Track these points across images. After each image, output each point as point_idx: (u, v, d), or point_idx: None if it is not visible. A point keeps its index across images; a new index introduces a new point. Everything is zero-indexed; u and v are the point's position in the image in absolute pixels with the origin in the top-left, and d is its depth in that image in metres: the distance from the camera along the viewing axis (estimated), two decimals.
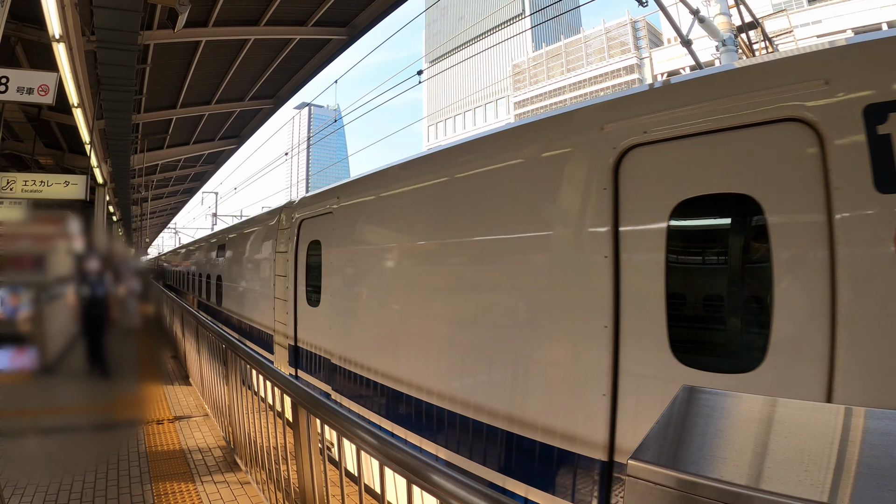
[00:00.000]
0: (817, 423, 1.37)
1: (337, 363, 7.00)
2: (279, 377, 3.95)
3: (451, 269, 5.17)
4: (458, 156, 5.44)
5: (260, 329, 10.59)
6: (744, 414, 1.48)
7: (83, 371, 9.42)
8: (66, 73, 10.08)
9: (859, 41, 2.95)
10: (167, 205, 51.52)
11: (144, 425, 7.19)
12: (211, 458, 6.08)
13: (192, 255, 21.38)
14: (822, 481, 1.02)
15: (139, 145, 22.01)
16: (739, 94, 3.07)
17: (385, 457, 2.37)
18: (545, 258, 4.12)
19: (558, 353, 3.98)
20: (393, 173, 6.55)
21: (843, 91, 2.72)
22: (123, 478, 5.47)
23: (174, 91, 18.81)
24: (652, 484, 1.10)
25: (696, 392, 1.58)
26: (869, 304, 2.57)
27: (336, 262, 7.31)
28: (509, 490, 4.14)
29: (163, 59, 15.44)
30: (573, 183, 3.89)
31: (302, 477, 3.50)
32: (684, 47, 11.32)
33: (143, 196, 31.51)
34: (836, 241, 2.64)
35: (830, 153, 2.69)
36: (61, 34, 8.76)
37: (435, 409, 4.96)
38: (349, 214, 7.13)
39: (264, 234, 10.75)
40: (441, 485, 1.95)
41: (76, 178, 14.53)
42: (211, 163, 33.84)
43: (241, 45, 16.08)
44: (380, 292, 6.42)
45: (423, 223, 5.64)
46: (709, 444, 1.23)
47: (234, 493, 5.17)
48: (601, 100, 4.14)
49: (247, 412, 5.08)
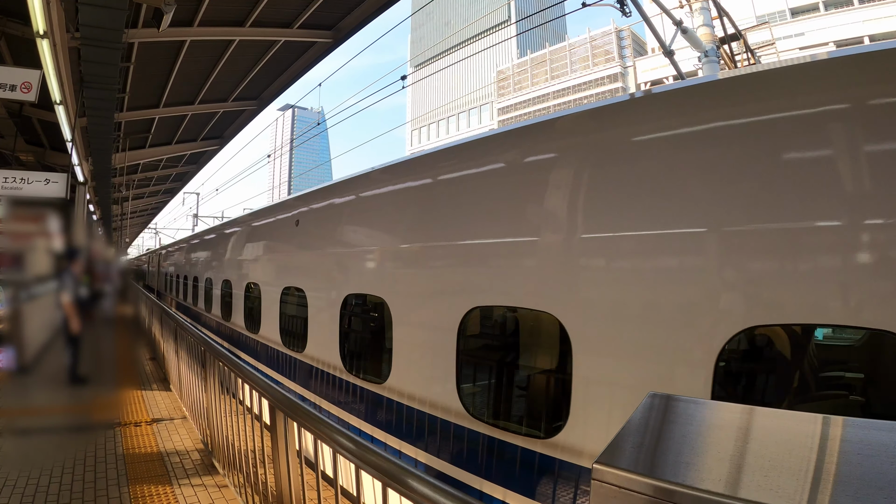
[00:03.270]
0: (793, 432, 1.39)
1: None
2: (257, 380, 3.94)
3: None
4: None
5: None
6: (715, 422, 1.49)
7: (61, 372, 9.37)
8: (50, 69, 10.02)
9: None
10: (148, 205, 51.04)
11: (121, 427, 7.13)
12: (189, 460, 6.04)
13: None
14: (801, 490, 1.05)
15: (121, 144, 21.80)
16: None
17: (361, 461, 2.39)
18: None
19: None
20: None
21: None
22: (100, 480, 5.43)
23: (157, 90, 18.65)
24: (617, 488, 1.13)
25: (664, 399, 1.61)
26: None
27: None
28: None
29: (147, 57, 15.33)
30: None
31: (279, 480, 3.50)
32: (667, 57, 11.45)
33: (124, 195, 31.22)
34: None
35: None
36: (45, 30, 8.70)
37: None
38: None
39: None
40: (417, 489, 1.97)
41: (57, 176, 14.43)
42: (193, 163, 33.57)
43: (226, 46, 15.99)
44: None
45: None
46: (679, 451, 1.25)
47: (211, 496, 5.15)
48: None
49: (225, 415, 5.07)
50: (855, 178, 2.83)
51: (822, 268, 2.91)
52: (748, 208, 3.15)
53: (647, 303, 3.56)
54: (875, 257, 2.76)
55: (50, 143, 19.27)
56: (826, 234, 2.90)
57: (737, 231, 3.17)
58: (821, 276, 2.89)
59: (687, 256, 3.42)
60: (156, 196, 46.81)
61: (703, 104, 3.63)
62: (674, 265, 3.48)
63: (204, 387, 5.85)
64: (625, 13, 10.64)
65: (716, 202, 3.30)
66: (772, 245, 3.04)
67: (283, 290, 8.58)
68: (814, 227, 2.92)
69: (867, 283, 2.76)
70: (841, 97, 2.95)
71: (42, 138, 18.90)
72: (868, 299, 2.76)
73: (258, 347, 9.53)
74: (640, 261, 3.67)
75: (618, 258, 3.80)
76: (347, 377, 6.51)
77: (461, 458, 4.70)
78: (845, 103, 2.93)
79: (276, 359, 8.54)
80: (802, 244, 2.95)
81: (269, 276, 9.67)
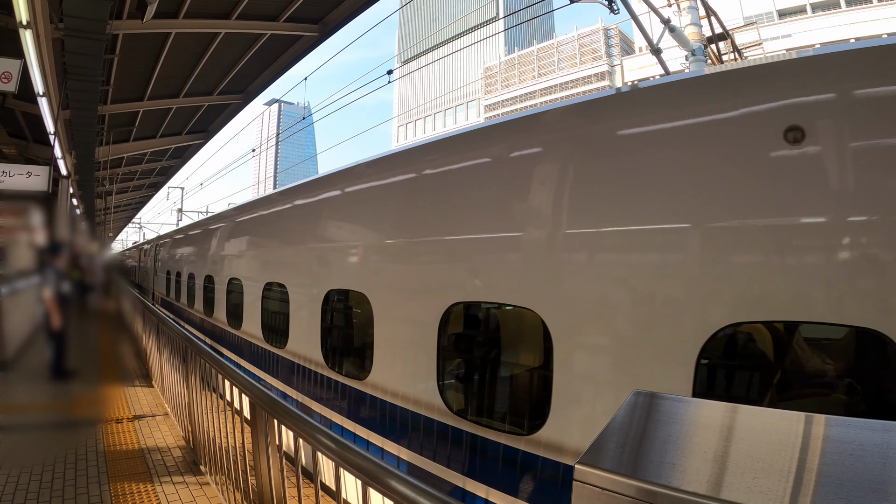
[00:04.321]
0: (777, 431, 1.36)
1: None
2: (237, 377, 3.91)
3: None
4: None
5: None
6: (702, 421, 1.47)
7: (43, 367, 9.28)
8: (32, 60, 9.87)
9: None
10: (132, 199, 50.61)
11: (103, 424, 7.04)
12: (170, 458, 5.98)
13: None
14: (782, 491, 1.03)
15: (105, 137, 21.65)
16: None
17: (341, 459, 2.36)
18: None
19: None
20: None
21: None
22: (81, 477, 5.37)
23: (142, 83, 18.46)
24: (599, 489, 1.10)
25: (648, 397, 1.59)
26: None
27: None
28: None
29: (131, 49, 15.15)
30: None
31: (260, 477, 3.48)
32: (654, 56, 11.47)
33: (108, 189, 30.91)
34: None
35: None
36: (29, 20, 8.58)
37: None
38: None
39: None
40: (397, 489, 1.94)
41: (39, 169, 14.22)
42: (178, 157, 33.33)
43: (212, 39, 15.85)
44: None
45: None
46: (663, 451, 1.23)
47: (192, 493, 5.09)
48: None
49: (206, 411, 5.03)
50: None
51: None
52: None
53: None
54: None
55: (33, 135, 19.02)
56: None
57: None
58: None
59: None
60: (140, 190, 46.43)
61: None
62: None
63: (185, 383, 5.80)
64: (613, 10, 10.64)
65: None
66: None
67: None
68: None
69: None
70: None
71: (25, 131, 18.65)
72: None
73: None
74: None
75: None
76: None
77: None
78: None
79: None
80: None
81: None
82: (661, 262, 3.46)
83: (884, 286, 2.67)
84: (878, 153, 2.72)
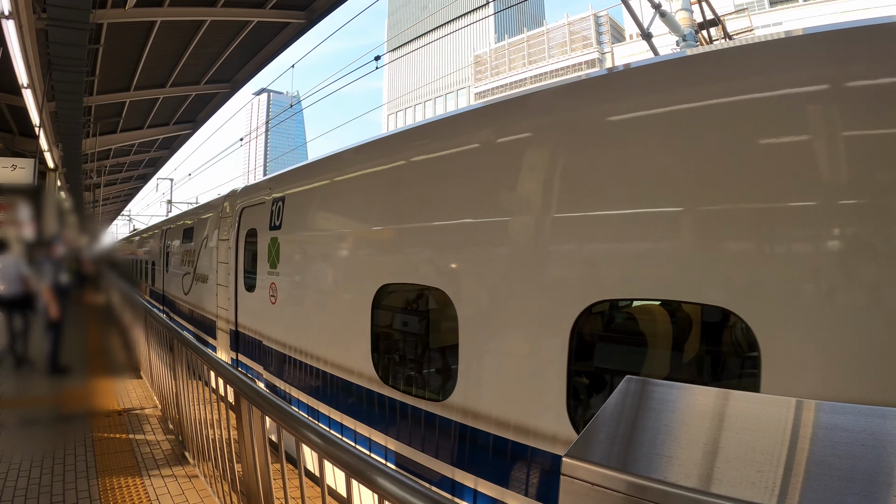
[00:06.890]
0: (769, 418, 1.32)
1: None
2: (222, 368, 3.90)
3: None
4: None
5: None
6: (693, 408, 1.42)
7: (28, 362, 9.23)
8: (16, 51, 9.76)
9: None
10: (121, 191, 50.29)
11: (91, 418, 6.98)
12: (159, 451, 5.94)
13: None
14: (773, 482, 0.98)
15: (91, 129, 21.44)
16: None
17: (325, 452, 2.33)
18: None
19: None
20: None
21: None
22: (69, 472, 5.32)
23: (128, 73, 18.25)
24: (588, 484, 1.04)
25: (641, 384, 1.54)
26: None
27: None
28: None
29: (116, 39, 14.93)
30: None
31: (246, 468, 3.46)
32: (644, 41, 11.40)
33: (96, 182, 30.67)
34: None
35: None
36: (11, 10, 8.48)
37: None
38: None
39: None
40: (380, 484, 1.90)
41: (24, 162, 14.09)
42: (166, 148, 33.13)
43: (198, 27, 15.64)
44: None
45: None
46: (655, 442, 1.18)
47: (181, 486, 5.06)
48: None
49: (194, 404, 4.98)
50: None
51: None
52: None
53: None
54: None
55: (19, 128, 18.81)
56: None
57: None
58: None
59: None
60: (128, 182, 46.16)
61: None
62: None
63: (173, 375, 5.76)
64: None
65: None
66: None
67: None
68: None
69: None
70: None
71: (11, 124, 18.44)
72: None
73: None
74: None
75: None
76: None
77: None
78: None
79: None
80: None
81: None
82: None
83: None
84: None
